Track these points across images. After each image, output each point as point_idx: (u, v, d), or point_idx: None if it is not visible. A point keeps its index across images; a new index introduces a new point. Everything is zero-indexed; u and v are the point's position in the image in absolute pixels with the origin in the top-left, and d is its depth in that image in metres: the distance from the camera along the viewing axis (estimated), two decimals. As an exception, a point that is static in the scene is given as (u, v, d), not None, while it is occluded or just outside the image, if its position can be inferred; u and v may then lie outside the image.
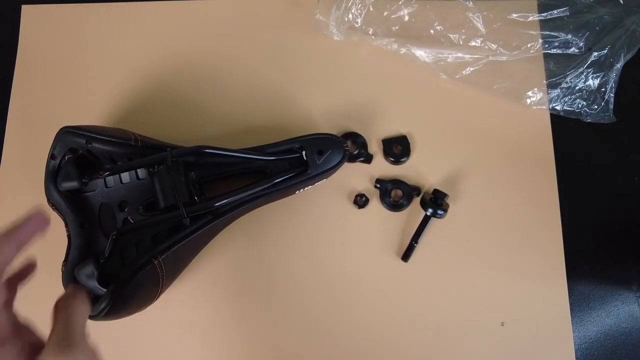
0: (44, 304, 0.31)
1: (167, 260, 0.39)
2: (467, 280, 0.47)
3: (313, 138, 0.46)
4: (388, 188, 0.48)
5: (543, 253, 0.48)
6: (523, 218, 0.49)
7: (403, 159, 0.49)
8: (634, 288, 0.48)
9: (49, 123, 0.48)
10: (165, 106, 0.52)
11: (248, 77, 0.53)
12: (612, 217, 0.49)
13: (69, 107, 0.53)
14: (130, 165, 0.42)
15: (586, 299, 0.47)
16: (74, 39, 0.55)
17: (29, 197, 0.38)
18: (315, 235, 0.48)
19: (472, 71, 0.50)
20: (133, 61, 0.54)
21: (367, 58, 0.53)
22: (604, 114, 0.49)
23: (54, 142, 0.44)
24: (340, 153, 0.46)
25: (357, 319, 0.47)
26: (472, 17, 0.49)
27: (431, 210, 0.46)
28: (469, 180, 0.49)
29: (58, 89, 0.53)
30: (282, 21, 0.54)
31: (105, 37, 0.55)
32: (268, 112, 0.52)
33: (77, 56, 0.54)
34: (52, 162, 0.44)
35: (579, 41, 0.49)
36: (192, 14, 0.55)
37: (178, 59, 0.53)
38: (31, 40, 0.55)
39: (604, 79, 0.49)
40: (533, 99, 0.50)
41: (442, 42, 0.50)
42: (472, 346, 0.46)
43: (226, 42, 0.54)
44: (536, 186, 0.49)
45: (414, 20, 0.51)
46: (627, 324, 0.47)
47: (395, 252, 0.48)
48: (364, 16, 0.50)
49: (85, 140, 0.43)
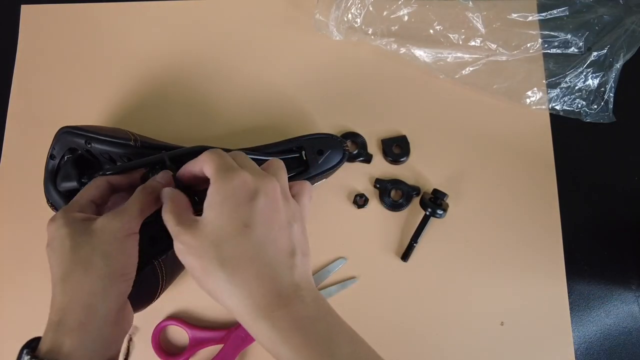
0: (42, 305, 0.32)
1: (167, 261, 0.39)
2: (467, 280, 0.47)
3: (313, 138, 0.46)
4: (388, 188, 0.48)
5: (543, 253, 0.48)
6: (523, 217, 0.49)
7: (402, 159, 0.49)
8: (633, 288, 0.48)
9: (48, 123, 0.48)
10: (164, 106, 0.52)
11: (247, 77, 0.53)
12: (612, 217, 0.49)
13: (68, 106, 0.53)
14: (129, 165, 0.42)
15: (586, 298, 0.47)
16: (73, 38, 0.55)
17: (28, 197, 0.38)
18: (315, 235, 0.48)
19: (471, 71, 0.50)
20: (132, 61, 0.54)
21: (367, 58, 0.53)
22: (603, 113, 0.49)
23: (53, 142, 0.44)
24: (340, 153, 0.46)
25: (358, 319, 0.47)
26: (472, 17, 0.49)
27: (430, 210, 0.46)
28: (468, 180, 0.49)
29: (57, 88, 0.53)
30: (282, 21, 0.54)
31: (104, 36, 0.55)
32: (267, 112, 0.52)
33: (77, 56, 0.54)
34: (51, 162, 0.44)
35: (578, 41, 0.49)
36: (191, 14, 0.55)
37: (177, 59, 0.53)
38: (30, 40, 0.55)
39: (603, 79, 0.49)
40: (532, 99, 0.50)
41: (441, 42, 0.50)
42: (471, 346, 0.46)
43: (225, 42, 0.54)
44: (536, 186, 0.49)
45: (414, 20, 0.51)
46: (626, 324, 0.47)
47: (395, 252, 0.48)
48: (364, 16, 0.50)
49: (85, 140, 0.43)
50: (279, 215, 0.32)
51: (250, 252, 0.30)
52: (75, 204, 0.36)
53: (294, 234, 0.33)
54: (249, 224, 0.30)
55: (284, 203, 0.33)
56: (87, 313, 0.31)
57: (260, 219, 0.31)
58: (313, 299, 0.31)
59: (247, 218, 0.31)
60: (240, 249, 0.30)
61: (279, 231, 0.32)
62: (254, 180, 0.32)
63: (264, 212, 0.31)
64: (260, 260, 0.30)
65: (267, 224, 0.31)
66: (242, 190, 0.31)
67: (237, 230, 0.30)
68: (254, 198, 0.31)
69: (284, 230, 0.32)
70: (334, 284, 0.47)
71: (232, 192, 0.31)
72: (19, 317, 0.48)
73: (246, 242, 0.30)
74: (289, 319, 0.29)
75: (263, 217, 0.31)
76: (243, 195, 0.31)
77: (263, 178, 0.33)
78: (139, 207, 0.35)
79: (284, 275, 0.31)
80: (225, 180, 0.31)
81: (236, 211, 0.31)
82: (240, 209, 0.31)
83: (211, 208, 0.31)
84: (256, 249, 0.30)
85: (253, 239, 0.30)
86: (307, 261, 0.33)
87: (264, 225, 0.31)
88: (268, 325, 0.29)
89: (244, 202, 0.31)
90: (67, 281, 0.32)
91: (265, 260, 0.30)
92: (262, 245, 0.31)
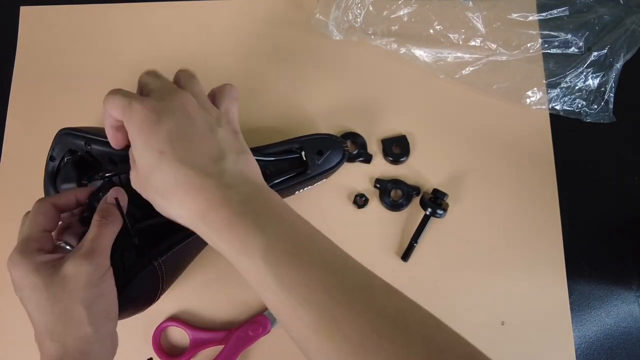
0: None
1: (167, 261, 0.39)
2: (467, 279, 0.47)
3: (312, 138, 0.46)
4: (388, 188, 0.48)
5: (543, 252, 0.48)
6: (523, 217, 0.49)
7: (402, 159, 0.49)
8: (633, 288, 0.48)
9: (47, 124, 0.47)
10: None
11: (246, 77, 0.53)
12: (612, 217, 0.49)
13: (67, 108, 0.52)
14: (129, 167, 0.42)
15: (586, 298, 0.47)
16: (72, 40, 0.55)
17: (28, 199, 0.38)
18: (315, 235, 0.48)
19: (471, 71, 0.50)
20: (132, 62, 0.53)
21: (367, 58, 0.53)
22: (603, 113, 0.49)
23: (53, 143, 0.44)
24: (339, 153, 0.46)
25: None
26: (472, 17, 0.49)
27: (431, 209, 0.46)
28: (468, 179, 0.49)
29: (57, 90, 0.53)
30: (281, 21, 0.54)
31: (104, 38, 0.55)
32: (267, 112, 0.51)
33: (76, 57, 0.54)
34: (51, 164, 0.43)
35: (578, 41, 0.49)
36: (191, 15, 0.55)
37: (176, 59, 0.53)
38: (30, 42, 0.55)
39: (603, 79, 0.49)
40: (533, 99, 0.50)
41: (441, 42, 0.50)
42: (472, 345, 0.46)
43: (224, 43, 0.54)
44: (536, 185, 0.49)
45: (414, 20, 0.50)
46: (627, 324, 0.47)
47: (395, 252, 0.48)
48: (364, 16, 0.50)
49: (84, 142, 0.42)
50: (195, 127, 0.33)
51: (172, 175, 0.31)
52: (30, 241, 0.34)
53: (220, 138, 0.34)
54: (163, 149, 0.31)
55: (201, 113, 0.34)
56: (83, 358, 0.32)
57: (173, 139, 0.32)
58: (246, 193, 0.32)
59: (159, 144, 0.31)
60: (164, 176, 0.31)
61: (200, 142, 0.32)
62: (157, 104, 0.32)
63: (175, 131, 0.32)
64: (184, 178, 0.31)
65: (183, 141, 0.32)
66: (147, 119, 0.32)
67: (156, 159, 0.31)
68: (159, 122, 0.32)
69: (207, 139, 0.33)
70: (334, 284, 0.47)
71: (139, 125, 0.32)
72: (19, 317, 0.48)
73: (167, 167, 0.31)
74: (218, 219, 0.30)
75: (176, 136, 0.32)
76: (148, 123, 0.32)
77: (168, 97, 0.33)
78: (103, 242, 0.34)
79: (212, 183, 0.31)
80: (130, 116, 0.32)
81: (148, 142, 0.32)
82: (151, 138, 0.31)
83: (133, 147, 0.33)
84: (177, 169, 0.31)
85: (172, 161, 0.31)
86: (243, 158, 0.34)
87: (179, 143, 0.32)
88: (207, 229, 0.31)
89: (152, 130, 0.32)
90: (54, 332, 0.32)
91: (190, 176, 0.31)
92: (183, 162, 0.31)
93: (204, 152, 0.32)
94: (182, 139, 0.32)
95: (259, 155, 0.45)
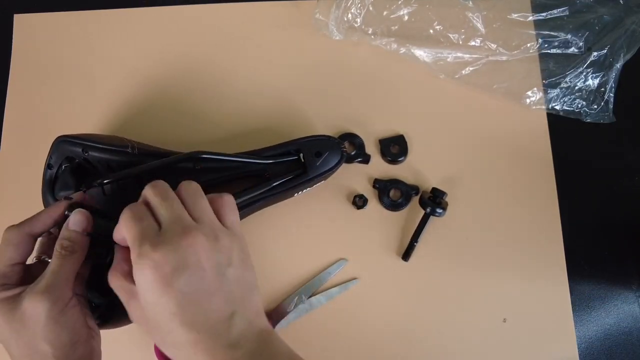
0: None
1: None
2: (468, 277, 0.47)
3: (310, 140, 0.46)
4: (386, 188, 0.48)
5: (544, 250, 0.48)
6: (523, 216, 0.49)
7: (401, 159, 0.49)
8: (634, 288, 0.48)
9: (44, 132, 0.47)
10: (161, 112, 0.52)
11: (245, 79, 0.52)
12: (612, 217, 0.49)
13: (64, 115, 0.52)
14: (127, 173, 0.42)
15: (586, 298, 0.47)
16: (67, 46, 0.54)
17: (26, 207, 0.38)
18: (315, 237, 0.48)
19: (471, 71, 0.50)
20: (128, 68, 0.53)
21: (367, 58, 0.52)
22: (603, 113, 0.49)
23: (50, 151, 0.43)
24: (337, 154, 0.46)
25: (360, 320, 0.47)
26: (472, 17, 0.49)
27: (430, 208, 0.46)
28: (468, 179, 0.49)
29: (53, 97, 0.53)
30: (281, 21, 0.54)
31: (99, 44, 0.54)
32: (265, 114, 0.51)
33: (71, 64, 0.54)
34: (49, 172, 0.43)
35: (578, 41, 0.49)
36: (188, 17, 0.55)
37: (173, 63, 0.53)
38: (24, 49, 0.54)
39: (603, 79, 0.49)
40: (532, 99, 0.50)
41: (441, 42, 0.50)
42: (474, 343, 0.46)
43: (223, 44, 0.54)
44: (536, 185, 0.49)
45: (414, 20, 0.50)
46: (627, 324, 0.47)
47: (396, 252, 0.48)
48: (364, 16, 0.50)
49: (82, 149, 0.42)
50: (205, 282, 0.31)
51: (183, 336, 0.30)
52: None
53: (231, 280, 0.32)
54: (175, 311, 0.30)
55: (212, 258, 0.32)
56: None
57: (184, 304, 0.30)
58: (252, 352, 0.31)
59: (171, 306, 0.30)
60: (173, 334, 0.30)
61: (210, 300, 0.31)
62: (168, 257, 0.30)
63: (187, 293, 0.30)
64: (195, 340, 0.30)
65: (194, 305, 0.30)
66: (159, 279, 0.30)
67: (167, 319, 0.30)
68: (171, 284, 0.30)
69: (217, 293, 0.31)
70: (335, 285, 0.47)
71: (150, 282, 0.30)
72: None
73: (177, 328, 0.30)
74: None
75: (188, 301, 0.30)
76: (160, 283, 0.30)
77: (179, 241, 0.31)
78: (64, 275, 0.33)
79: (220, 343, 0.31)
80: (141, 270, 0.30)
81: (159, 301, 0.30)
82: (162, 298, 0.30)
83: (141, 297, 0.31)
84: (187, 332, 0.30)
85: (182, 324, 0.30)
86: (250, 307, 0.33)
87: (190, 308, 0.30)
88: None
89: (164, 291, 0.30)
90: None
91: (199, 340, 0.30)
92: (194, 326, 0.30)
93: (213, 311, 0.31)
94: (194, 303, 0.30)
95: (257, 158, 0.45)
